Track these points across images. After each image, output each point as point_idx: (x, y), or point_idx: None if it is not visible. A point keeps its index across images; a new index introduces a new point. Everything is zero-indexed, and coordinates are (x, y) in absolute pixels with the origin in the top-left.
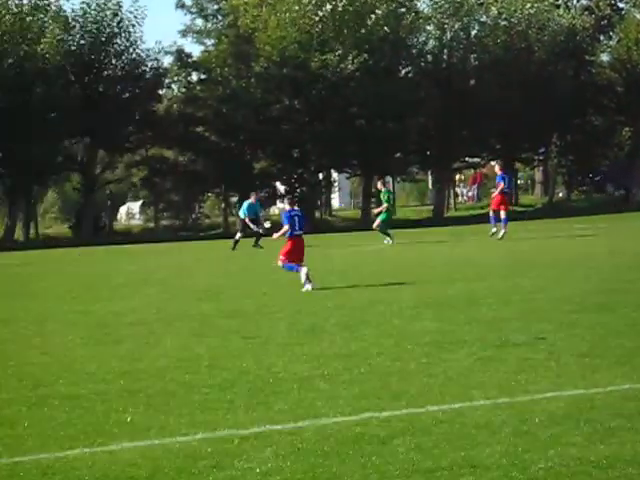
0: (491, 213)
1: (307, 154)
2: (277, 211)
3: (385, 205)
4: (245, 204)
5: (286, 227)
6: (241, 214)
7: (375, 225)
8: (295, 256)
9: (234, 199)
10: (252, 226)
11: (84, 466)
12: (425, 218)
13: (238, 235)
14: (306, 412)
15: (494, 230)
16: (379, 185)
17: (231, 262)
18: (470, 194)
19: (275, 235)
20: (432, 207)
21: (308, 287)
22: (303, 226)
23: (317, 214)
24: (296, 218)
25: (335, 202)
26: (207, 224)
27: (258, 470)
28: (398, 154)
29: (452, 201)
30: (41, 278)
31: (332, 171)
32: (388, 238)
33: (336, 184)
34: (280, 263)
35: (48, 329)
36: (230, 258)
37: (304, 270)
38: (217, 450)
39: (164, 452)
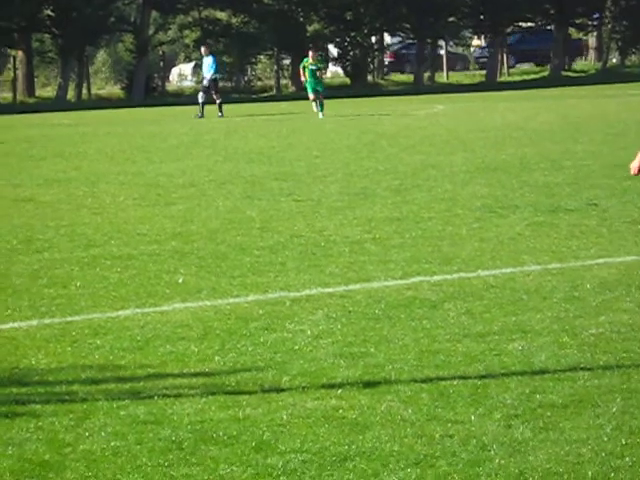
0: None
1: (360, 17)
2: (330, 74)
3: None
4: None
5: None
6: None
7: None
8: None
9: (286, 61)
10: None
11: (136, 326)
12: (478, 83)
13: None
14: (357, 275)
15: None
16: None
17: (283, 124)
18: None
19: None
20: (484, 72)
21: None
22: None
23: (369, 78)
24: None
25: None
26: (259, 86)
27: (309, 332)
28: (451, 18)
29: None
30: (93, 139)
31: (385, 34)
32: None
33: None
34: None
35: (100, 190)
36: (282, 120)
37: None
38: (268, 312)
39: (215, 313)
